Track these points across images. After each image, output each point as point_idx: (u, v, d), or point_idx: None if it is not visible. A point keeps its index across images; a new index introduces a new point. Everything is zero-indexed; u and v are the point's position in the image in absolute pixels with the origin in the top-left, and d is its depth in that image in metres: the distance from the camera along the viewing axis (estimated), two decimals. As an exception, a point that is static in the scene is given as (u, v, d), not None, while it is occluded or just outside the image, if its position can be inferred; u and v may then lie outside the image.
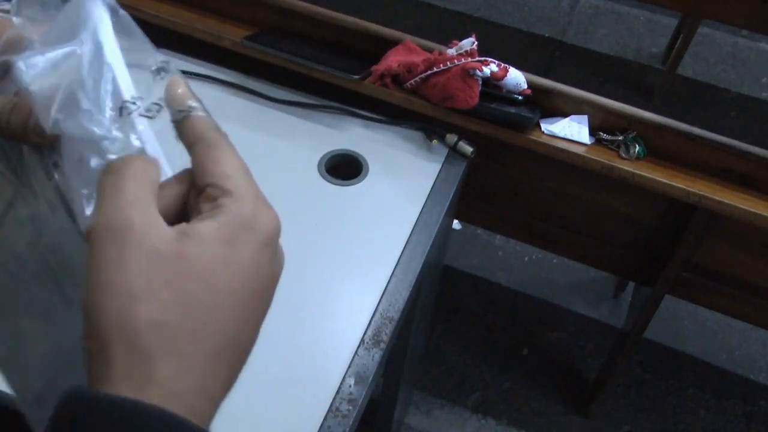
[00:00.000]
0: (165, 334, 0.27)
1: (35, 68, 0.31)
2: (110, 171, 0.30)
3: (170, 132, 0.33)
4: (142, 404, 0.25)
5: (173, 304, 0.27)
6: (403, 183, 1.06)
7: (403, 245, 0.96)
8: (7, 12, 0.35)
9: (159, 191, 0.30)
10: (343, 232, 0.98)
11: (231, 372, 0.29)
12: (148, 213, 0.29)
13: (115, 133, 0.31)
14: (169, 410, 0.26)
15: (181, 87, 0.33)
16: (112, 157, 0.31)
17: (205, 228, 0.29)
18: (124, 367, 0.26)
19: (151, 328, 0.27)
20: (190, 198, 0.32)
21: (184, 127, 0.32)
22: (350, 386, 0.80)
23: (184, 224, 0.29)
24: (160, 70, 0.34)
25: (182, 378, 0.27)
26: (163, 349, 0.27)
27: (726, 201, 1.11)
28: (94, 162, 0.31)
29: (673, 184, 1.13)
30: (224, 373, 0.29)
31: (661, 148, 1.16)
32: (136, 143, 0.32)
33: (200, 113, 0.33)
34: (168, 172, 0.33)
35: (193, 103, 0.33)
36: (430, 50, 1.18)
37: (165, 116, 0.33)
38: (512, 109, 1.13)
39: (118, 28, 0.34)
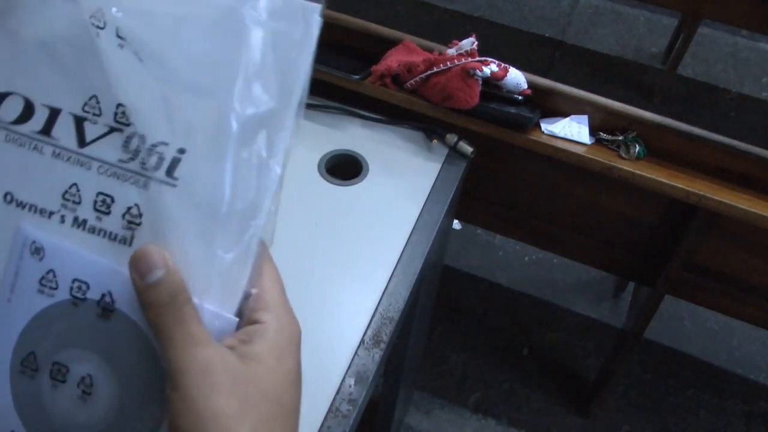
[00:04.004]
0: None
1: None
2: (162, 311, 0.32)
3: None
4: None
5: (260, 422, 0.32)
6: (403, 183, 1.06)
7: (403, 245, 0.96)
8: None
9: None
10: (343, 232, 0.97)
11: None
12: (214, 346, 0.32)
13: None
14: None
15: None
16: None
17: (260, 349, 0.33)
18: None
19: None
20: None
21: None
22: (350, 386, 0.80)
23: (240, 347, 0.33)
24: None
25: None
26: None
27: (726, 201, 1.11)
28: None
29: (673, 184, 1.12)
30: None
31: (661, 148, 1.16)
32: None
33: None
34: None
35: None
36: (430, 50, 1.18)
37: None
38: (512, 109, 1.13)
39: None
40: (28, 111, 0.34)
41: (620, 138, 1.16)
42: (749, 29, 2.68)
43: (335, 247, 0.95)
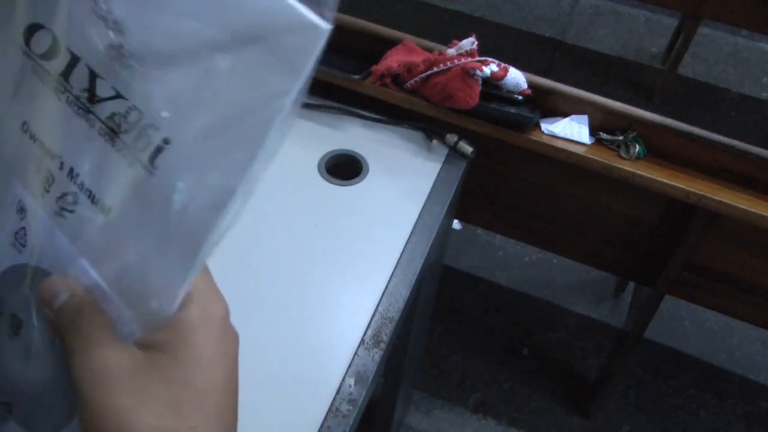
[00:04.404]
0: None
1: None
2: (69, 330, 0.33)
3: None
4: None
5: (165, 409, 0.31)
6: (403, 183, 1.06)
7: (403, 245, 0.96)
8: None
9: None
10: (343, 232, 0.98)
11: None
12: (111, 345, 0.32)
13: None
14: None
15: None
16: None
17: (164, 337, 0.33)
18: None
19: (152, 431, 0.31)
20: None
21: None
22: (350, 386, 0.80)
23: (147, 339, 0.33)
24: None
25: None
26: None
27: (726, 201, 1.11)
28: None
29: (673, 184, 1.12)
30: None
31: (661, 148, 1.16)
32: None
33: None
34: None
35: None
36: (430, 50, 1.18)
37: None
38: (512, 109, 1.13)
39: None
40: (54, 49, 0.33)
41: (620, 138, 1.16)
42: (749, 29, 2.68)
43: (335, 247, 0.95)
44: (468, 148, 1.12)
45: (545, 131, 1.16)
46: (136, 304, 0.33)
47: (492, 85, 1.12)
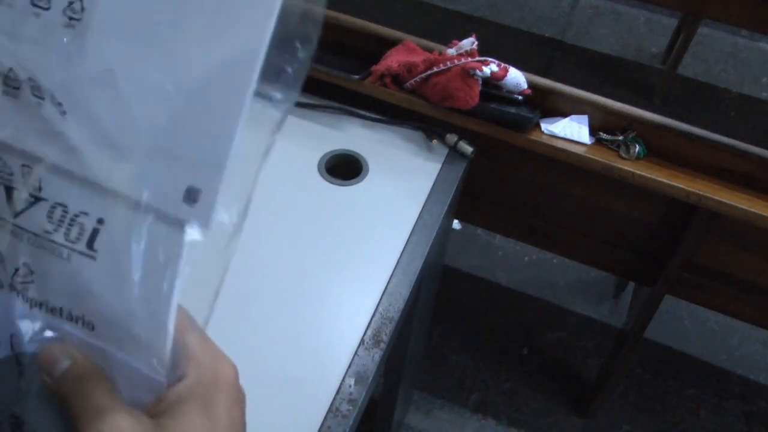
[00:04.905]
0: None
1: None
2: (72, 399, 0.32)
3: None
4: None
5: None
6: (403, 183, 1.06)
7: (403, 245, 0.96)
8: None
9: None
10: (343, 232, 0.98)
11: None
12: (121, 412, 0.31)
13: None
14: None
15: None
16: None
17: (175, 404, 0.32)
18: None
19: None
20: None
21: None
22: (350, 386, 0.80)
23: (157, 406, 0.32)
24: None
25: None
26: None
27: (726, 201, 1.11)
28: None
29: (673, 184, 1.12)
30: None
31: (661, 148, 1.16)
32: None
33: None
34: None
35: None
36: (430, 50, 1.18)
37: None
38: (512, 109, 1.13)
39: None
40: None
41: (620, 138, 1.16)
42: (749, 29, 2.68)
43: (335, 247, 0.95)
44: (468, 148, 1.12)
45: (545, 131, 1.16)
46: (142, 356, 0.32)
47: (492, 85, 1.12)
